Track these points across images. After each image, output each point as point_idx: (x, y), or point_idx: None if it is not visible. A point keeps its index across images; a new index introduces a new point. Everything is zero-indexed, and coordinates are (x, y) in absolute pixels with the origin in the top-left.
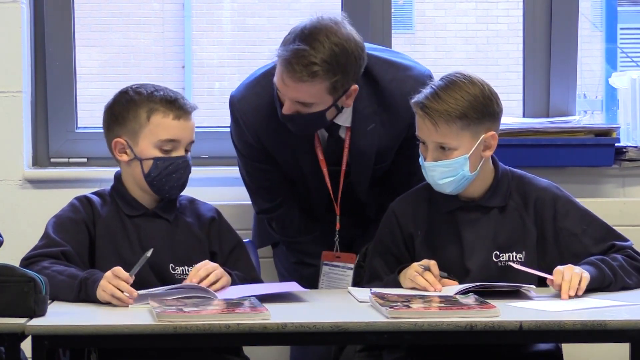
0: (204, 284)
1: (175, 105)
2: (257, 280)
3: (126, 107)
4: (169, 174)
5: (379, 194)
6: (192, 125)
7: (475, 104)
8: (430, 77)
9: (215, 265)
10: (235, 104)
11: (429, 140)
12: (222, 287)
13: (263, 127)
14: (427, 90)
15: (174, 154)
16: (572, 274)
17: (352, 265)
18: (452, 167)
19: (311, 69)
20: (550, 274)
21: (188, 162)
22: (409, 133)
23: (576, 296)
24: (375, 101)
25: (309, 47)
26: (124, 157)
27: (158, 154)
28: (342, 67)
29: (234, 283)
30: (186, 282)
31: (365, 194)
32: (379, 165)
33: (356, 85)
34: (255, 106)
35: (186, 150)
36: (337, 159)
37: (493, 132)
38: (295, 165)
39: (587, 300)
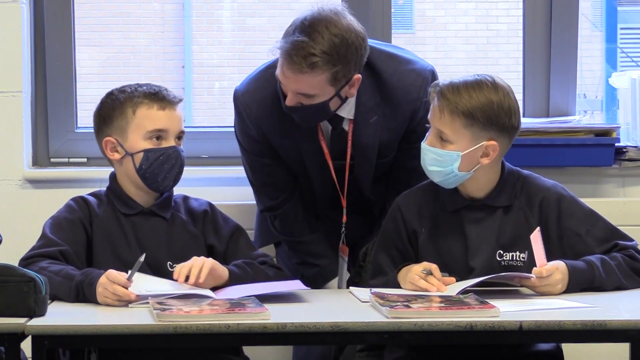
0: (190, 282)
1: (159, 97)
2: (262, 256)
3: (112, 107)
4: (161, 164)
5: (383, 191)
6: (179, 116)
7: (487, 110)
8: (432, 72)
9: (192, 259)
10: (239, 97)
11: (433, 125)
12: (209, 270)
13: (266, 120)
14: (452, 80)
15: (164, 144)
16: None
17: (345, 257)
18: (443, 159)
19: (310, 60)
20: None
21: (179, 152)
22: (410, 127)
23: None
24: (378, 94)
25: (308, 38)
26: (116, 156)
27: (148, 145)
28: (343, 58)
29: (235, 276)
30: (183, 285)
31: (370, 189)
32: (381, 160)
33: (359, 75)
34: (258, 99)
35: (178, 140)
36: (342, 152)
37: (495, 143)
38: (299, 159)
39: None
